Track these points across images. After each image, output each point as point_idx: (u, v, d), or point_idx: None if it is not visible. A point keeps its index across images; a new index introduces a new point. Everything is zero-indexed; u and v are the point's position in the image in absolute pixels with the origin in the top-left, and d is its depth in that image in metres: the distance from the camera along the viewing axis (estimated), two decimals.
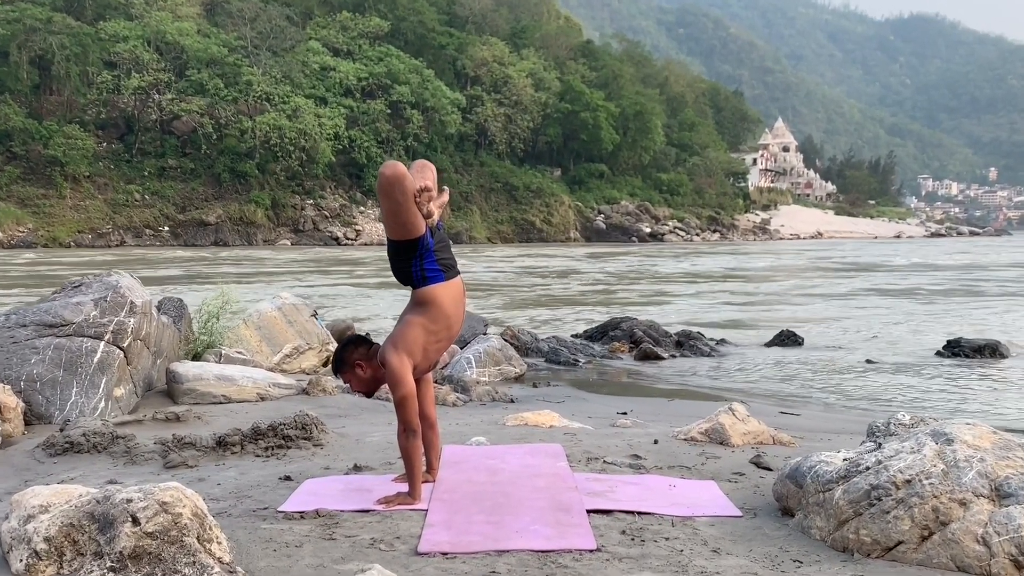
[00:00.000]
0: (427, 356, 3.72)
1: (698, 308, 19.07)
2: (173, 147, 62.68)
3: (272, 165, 63.05)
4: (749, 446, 4.94)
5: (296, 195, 64.33)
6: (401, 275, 3.71)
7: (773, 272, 33.97)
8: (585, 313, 17.75)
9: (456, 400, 7.34)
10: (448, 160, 74.22)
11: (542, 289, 24.60)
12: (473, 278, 27.25)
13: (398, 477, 3.97)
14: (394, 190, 3.48)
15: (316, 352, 9.01)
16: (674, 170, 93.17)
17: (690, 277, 30.41)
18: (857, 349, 12.50)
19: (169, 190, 59.60)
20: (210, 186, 61.48)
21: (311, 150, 63.51)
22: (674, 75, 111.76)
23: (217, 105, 62.92)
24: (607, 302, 20.51)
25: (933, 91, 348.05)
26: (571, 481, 4.00)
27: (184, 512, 2.72)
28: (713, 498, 3.79)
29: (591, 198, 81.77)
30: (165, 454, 4.64)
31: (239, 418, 5.93)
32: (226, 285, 8.77)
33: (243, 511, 3.58)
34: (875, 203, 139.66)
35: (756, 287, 25.61)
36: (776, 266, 38.30)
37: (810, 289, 24.68)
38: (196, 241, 57.80)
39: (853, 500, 3.09)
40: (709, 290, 24.42)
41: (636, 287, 25.70)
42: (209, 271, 30.81)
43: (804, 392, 9.19)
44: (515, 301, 20.62)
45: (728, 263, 40.60)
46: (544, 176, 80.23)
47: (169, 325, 7.22)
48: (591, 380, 9.93)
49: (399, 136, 70.91)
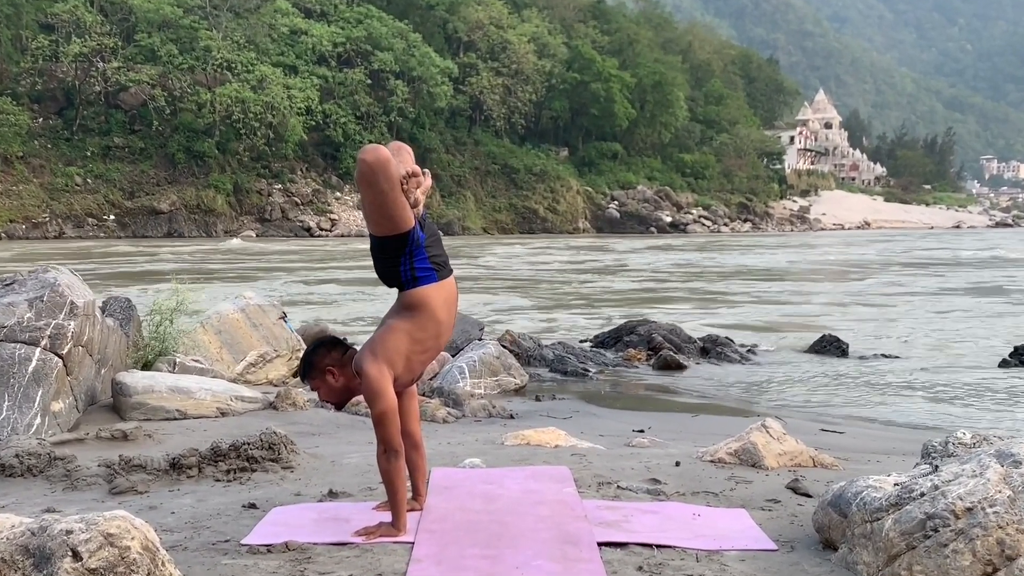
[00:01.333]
0: (410, 367, 3.71)
1: (727, 309, 19.07)
2: (120, 123, 62.69)
3: (234, 144, 63.07)
4: (785, 469, 4.94)
5: (262, 179, 64.37)
6: (387, 276, 3.70)
7: (813, 268, 33.98)
8: (595, 315, 17.75)
9: (447, 416, 7.34)
10: (438, 138, 74.35)
11: (547, 286, 24.61)
12: (464, 274, 27.26)
13: (380, 505, 3.97)
14: (378, 178, 3.46)
15: (285, 360, 9.01)
16: (699, 150, 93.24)
17: (718, 273, 30.42)
18: (910, 357, 12.50)
19: (115, 173, 59.63)
20: (162, 168, 61.51)
21: (279, 127, 63.54)
22: (699, 40, 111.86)
23: (170, 75, 62.94)
24: (621, 302, 20.52)
25: (998, 58, 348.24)
26: (580, 509, 3.99)
27: (132, 545, 2.72)
28: (744, 529, 3.79)
29: (603, 182, 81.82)
30: (111, 478, 4.63)
31: (196, 436, 5.92)
32: (181, 283, 8.76)
33: (201, 544, 3.57)
34: (931, 188, 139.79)
35: (794, 285, 25.61)
36: (816, 260, 38.32)
37: (855, 288, 24.69)
38: (146, 232, 57.84)
39: (906, 531, 3.09)
40: (739, 289, 24.43)
41: (654, 284, 25.71)
42: (161, 267, 30.81)
43: (849, 406, 9.19)
44: (515, 300, 20.63)
45: (761, 257, 40.62)
46: (548, 157, 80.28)
47: (115, 329, 7.21)
48: (603, 393, 9.93)
49: (381, 111, 70.97)
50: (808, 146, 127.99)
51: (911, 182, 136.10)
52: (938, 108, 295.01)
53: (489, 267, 32.96)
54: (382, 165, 3.45)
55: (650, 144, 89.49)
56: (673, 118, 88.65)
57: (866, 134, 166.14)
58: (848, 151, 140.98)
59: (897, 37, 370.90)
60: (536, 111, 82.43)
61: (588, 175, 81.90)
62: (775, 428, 5.23)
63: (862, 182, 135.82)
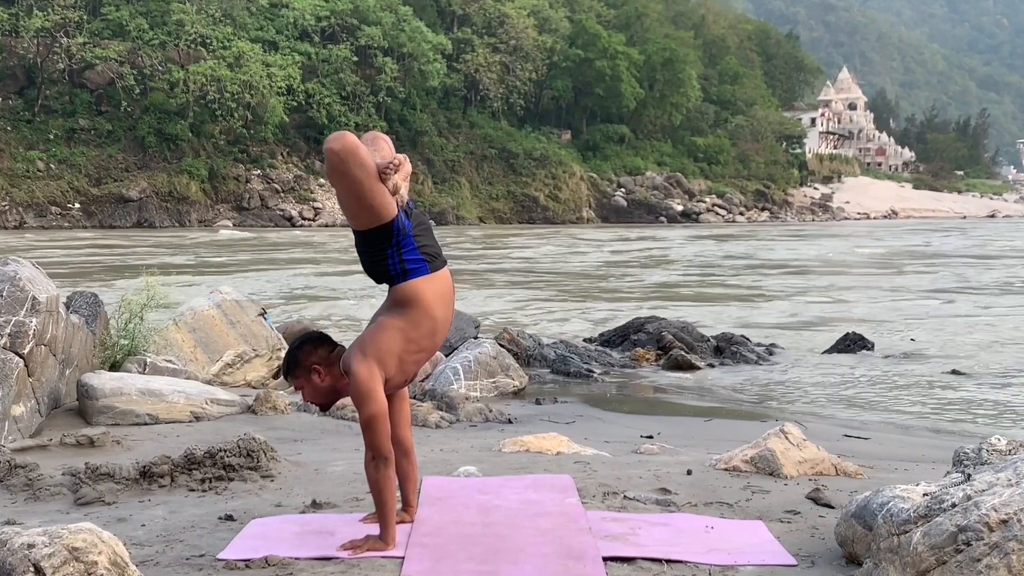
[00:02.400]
0: (403, 368, 3.71)
1: (742, 305, 19.09)
2: (85, 104, 62.64)
3: (209, 126, 63.03)
4: (806, 477, 4.95)
5: (239, 164, 64.34)
6: (375, 271, 3.71)
7: (836, 260, 34.00)
8: (599, 311, 17.76)
9: (440, 420, 7.34)
10: (430, 120, 74.33)
11: (547, 281, 24.63)
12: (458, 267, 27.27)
13: (367, 517, 3.96)
14: (349, 166, 3.46)
15: (264, 360, 9.01)
16: (712, 133, 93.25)
17: (732, 266, 30.43)
18: (940, 357, 12.52)
19: (80, 158, 59.57)
20: (131, 153, 61.46)
21: (258, 108, 63.50)
22: (713, 14, 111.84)
23: (140, 51, 62.86)
24: (627, 297, 20.53)
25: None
26: (583, 521, 3.99)
27: (100, 560, 2.72)
28: (761, 542, 3.79)
29: (608, 168, 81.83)
30: (76, 488, 4.63)
31: (168, 443, 5.93)
32: (152, 277, 8.75)
33: (174, 559, 3.57)
34: (963, 174, 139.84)
35: (815, 279, 25.63)
36: (840, 252, 38.34)
37: (881, 283, 24.71)
38: (115, 221, 57.82)
39: (936, 545, 3.09)
40: (755, 283, 24.44)
41: (663, 277, 25.73)
42: (131, 259, 30.78)
43: (874, 410, 9.20)
44: (512, 295, 20.64)
45: (779, 249, 40.64)
46: (550, 140, 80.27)
47: (81, 327, 7.21)
48: (608, 395, 9.94)
49: (368, 90, 70.92)
50: (831, 129, 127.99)
51: (942, 168, 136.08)
52: (971, 88, 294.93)
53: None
54: (350, 152, 3.45)
55: (660, 127, 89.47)
56: (685, 98, 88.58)
57: (893, 116, 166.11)
58: (874, 134, 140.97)
59: (927, 11, 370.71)
60: (536, 91, 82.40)
61: (592, 160, 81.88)
62: (795, 433, 5.23)
63: (889, 168, 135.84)
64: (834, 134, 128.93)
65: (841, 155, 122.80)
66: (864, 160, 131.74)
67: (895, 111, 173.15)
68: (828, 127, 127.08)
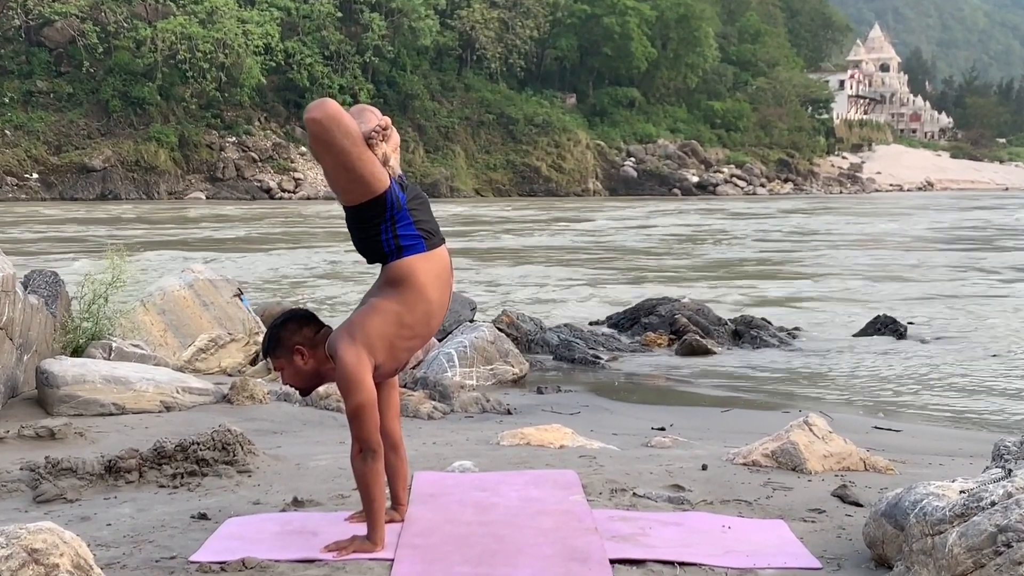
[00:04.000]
0: (394, 355, 3.71)
1: (762, 285, 19.08)
2: (44, 64, 62.45)
3: (179, 89, 62.85)
4: (831, 473, 4.96)
5: (212, 131, 64.22)
6: (367, 248, 3.71)
7: (865, 237, 33.98)
8: (606, 291, 17.77)
9: (432, 411, 7.35)
10: (421, 82, 74.09)
11: (555, 254, 24.63)
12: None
13: (353, 516, 3.98)
14: (334, 135, 3.46)
15: (241, 345, 9.02)
16: (731, 97, 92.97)
17: (751, 243, 30.42)
18: (979, 342, 12.52)
19: (38, 123, 59.45)
20: (94, 118, 61.34)
21: (232, 68, 63.30)
22: None
23: (104, 5, 62.62)
24: (636, 278, 20.53)
25: None
26: (589, 521, 4.00)
27: (61, 563, 2.73)
28: (782, 544, 3.80)
29: (617, 135, 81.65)
30: (35, 484, 4.64)
31: (136, 435, 5.93)
32: (118, 253, 8.74)
33: (142, 561, 3.58)
34: (1006, 142, 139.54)
35: (843, 255, 25.61)
36: (869, 228, 38.32)
37: (916, 262, 24.70)
38: (76, 193, 57.76)
39: (973, 547, 3.10)
40: (777, 259, 24.43)
41: (674, 256, 25.72)
42: (94, 234, 30.76)
43: (907, 400, 9.22)
44: (510, 274, 20.65)
45: (803, 222, 40.61)
46: (553, 105, 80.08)
47: (40, 308, 7.21)
48: (616, 384, 9.95)
49: (353, 49, 70.67)
50: (861, 92, 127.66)
51: (982, 135, 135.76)
52: (1015, 47, 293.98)
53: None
54: (333, 119, 3.45)
55: (673, 90, 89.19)
56: (701, 59, 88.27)
57: (929, 78, 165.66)
58: (908, 98, 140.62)
59: None
60: (538, 50, 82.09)
61: (600, 127, 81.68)
62: (820, 425, 5.24)
63: (924, 135, 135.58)
64: (864, 98, 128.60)
65: (872, 121, 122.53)
66: (897, 127, 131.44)
67: (931, 73, 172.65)
68: (858, 90, 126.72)
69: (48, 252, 24.03)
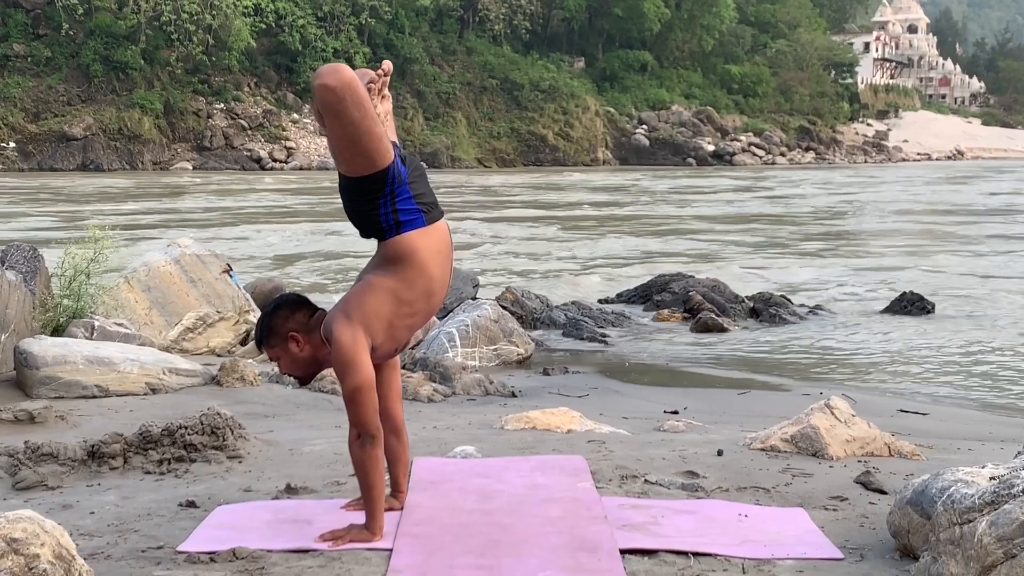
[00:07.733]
0: (393, 334, 3.70)
1: (782, 261, 19.07)
2: (20, 26, 62.27)
3: (164, 53, 62.66)
4: (854, 459, 4.96)
5: (200, 97, 64.05)
6: (363, 223, 3.69)
7: (890, 210, 33.91)
8: (617, 269, 17.76)
9: (433, 393, 7.36)
10: (420, 45, 73.83)
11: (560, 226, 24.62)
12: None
13: (350, 503, 3.99)
14: (346, 105, 3.42)
15: (231, 324, 9.02)
16: (749, 60, 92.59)
17: (771, 217, 30.37)
18: (1011, 322, 12.51)
19: (15, 89, 59.33)
20: (75, 83, 61.20)
21: (220, 31, 63.08)
22: None
23: None
24: (648, 257, 20.51)
25: None
26: (598, 509, 4.01)
27: (42, 552, 2.73)
28: (802, 533, 3.80)
29: (628, 101, 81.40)
30: (14, 470, 4.65)
31: (121, 418, 5.94)
32: (100, 228, 8.74)
33: (127, 551, 3.59)
34: None
35: (867, 233, 25.57)
36: (896, 200, 38.23)
37: (945, 237, 24.66)
38: (56, 163, 57.71)
39: (1003, 536, 3.10)
40: (801, 233, 24.40)
41: (689, 230, 25.69)
42: (75, 207, 30.76)
43: (934, 381, 9.21)
44: (510, 251, 20.64)
45: (825, 195, 40.54)
46: (560, 70, 79.79)
47: (18, 285, 7.21)
48: (627, 364, 9.95)
49: (348, 10, 70.41)
50: (887, 55, 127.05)
51: (1016, 100, 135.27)
52: None
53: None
54: (349, 88, 3.41)
55: (688, 53, 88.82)
56: (717, 20, 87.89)
57: (960, 40, 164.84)
58: (937, 61, 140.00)
59: None
60: (545, 11, 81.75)
61: (610, 92, 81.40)
62: (842, 408, 5.24)
63: (954, 100, 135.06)
64: (891, 61, 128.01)
65: (899, 86, 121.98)
66: (925, 92, 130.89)
67: (962, 34, 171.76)
68: (884, 53, 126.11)
69: (27, 225, 24.01)
